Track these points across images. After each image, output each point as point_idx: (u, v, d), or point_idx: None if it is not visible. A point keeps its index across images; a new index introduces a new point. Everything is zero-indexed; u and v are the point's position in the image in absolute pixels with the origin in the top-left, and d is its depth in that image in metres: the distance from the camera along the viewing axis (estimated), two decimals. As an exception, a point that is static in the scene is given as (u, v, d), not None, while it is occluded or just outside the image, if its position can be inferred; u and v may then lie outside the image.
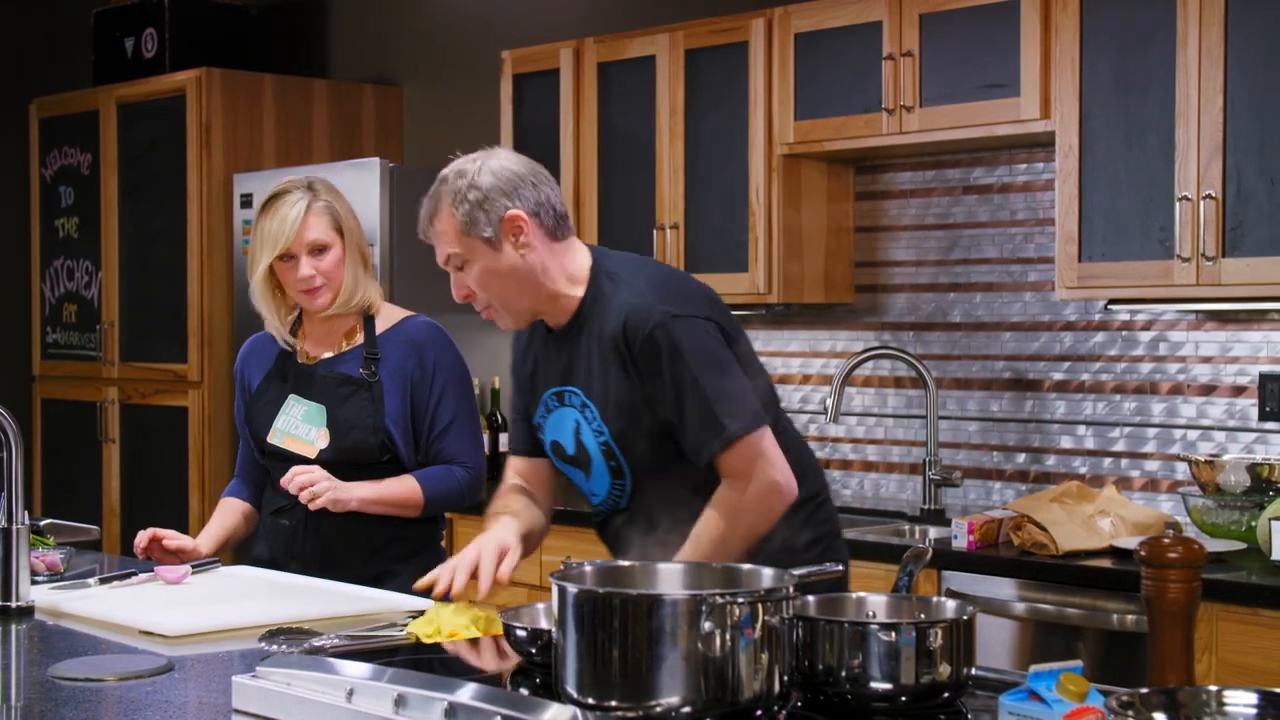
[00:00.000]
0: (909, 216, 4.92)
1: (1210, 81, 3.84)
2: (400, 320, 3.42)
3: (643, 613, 1.82)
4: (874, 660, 1.92)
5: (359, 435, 3.26)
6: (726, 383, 2.72)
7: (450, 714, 1.85)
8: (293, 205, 3.29)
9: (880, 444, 5.00)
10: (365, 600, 2.92)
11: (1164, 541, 1.83)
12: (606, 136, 5.24)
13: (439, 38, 6.44)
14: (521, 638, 2.20)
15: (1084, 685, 1.70)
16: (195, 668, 2.43)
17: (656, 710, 1.81)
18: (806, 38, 4.70)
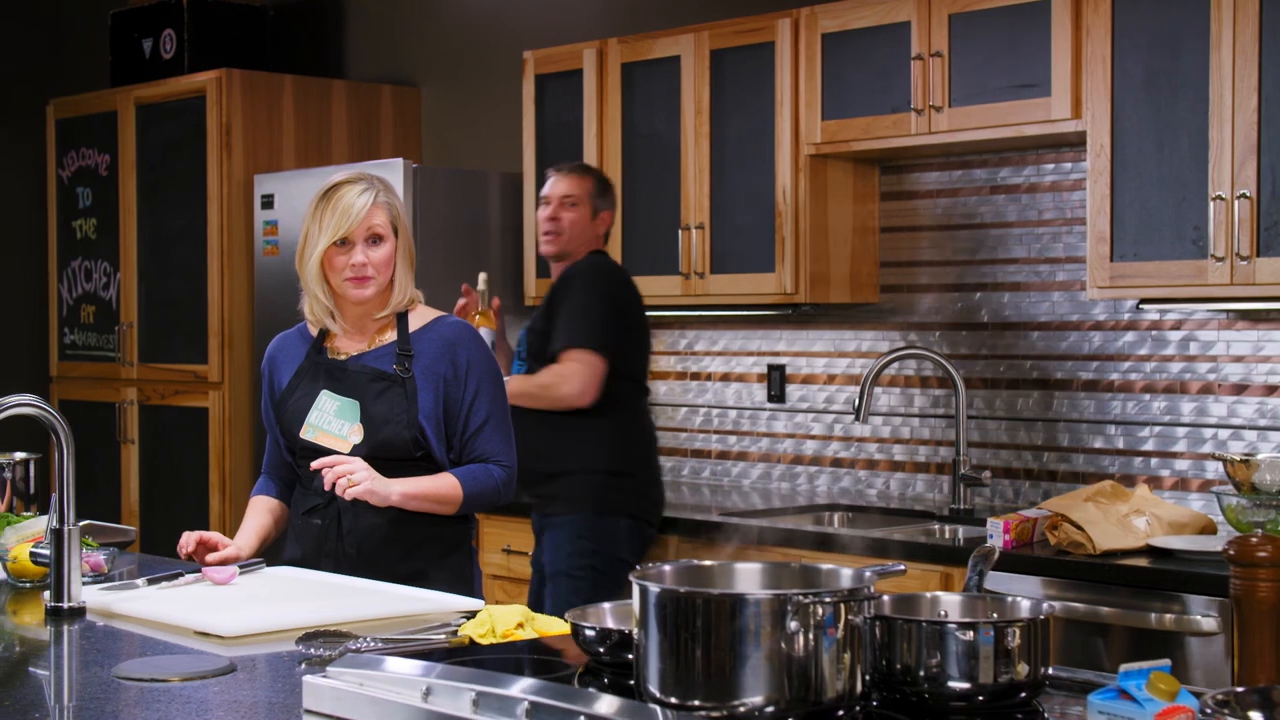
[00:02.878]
0: (935, 216, 4.93)
1: (1244, 81, 3.85)
2: (433, 320, 3.46)
3: (726, 612, 1.82)
4: (952, 659, 1.93)
5: (392, 430, 3.29)
6: None
7: (532, 713, 1.85)
8: (360, 193, 3.32)
9: (906, 444, 5.00)
10: (416, 601, 2.92)
11: (1252, 541, 1.84)
12: (630, 137, 5.25)
13: (458, 38, 6.44)
14: (590, 637, 2.20)
15: (1175, 684, 1.71)
16: (257, 668, 2.43)
17: (740, 710, 1.81)
18: (834, 38, 4.70)
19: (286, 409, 3.39)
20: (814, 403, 5.23)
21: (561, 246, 4.64)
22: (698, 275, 5.02)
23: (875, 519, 4.74)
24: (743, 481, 5.42)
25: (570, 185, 4.65)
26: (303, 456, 3.36)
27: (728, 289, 4.97)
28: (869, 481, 5.08)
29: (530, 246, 5.54)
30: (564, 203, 4.62)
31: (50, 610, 2.86)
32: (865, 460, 5.10)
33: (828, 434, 5.21)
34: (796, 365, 5.27)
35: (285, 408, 3.39)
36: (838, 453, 5.18)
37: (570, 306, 4.48)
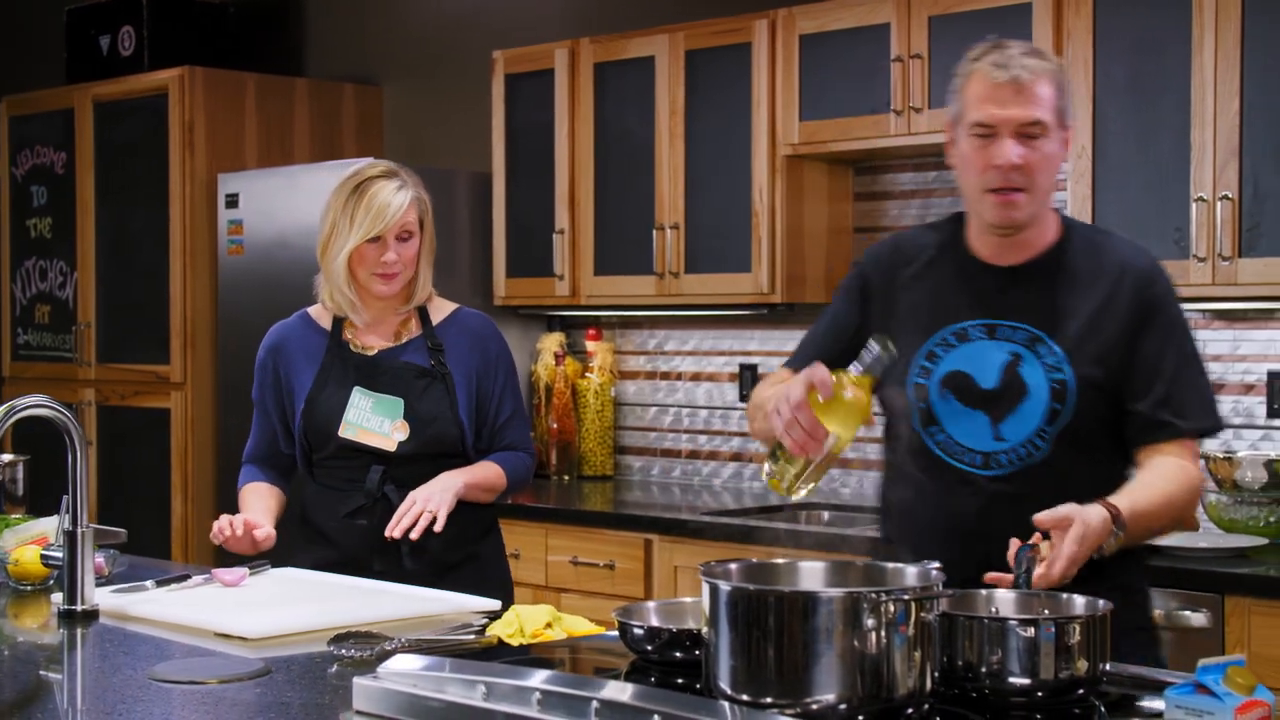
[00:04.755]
0: (910, 217, 4.96)
1: (1226, 84, 3.91)
2: (453, 311, 3.44)
3: (800, 610, 1.83)
4: (1013, 656, 1.95)
5: (441, 427, 3.29)
6: (1203, 372, 2.67)
7: (602, 712, 1.86)
8: (397, 190, 3.28)
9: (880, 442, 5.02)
10: (433, 601, 2.91)
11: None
12: (603, 137, 5.25)
13: (423, 37, 6.42)
14: (639, 636, 2.21)
15: (1252, 679, 1.74)
16: (292, 670, 2.41)
17: (813, 708, 1.82)
18: (812, 39, 4.73)
19: (317, 408, 3.33)
20: (787, 402, 5.24)
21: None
22: (672, 275, 5.03)
23: (851, 518, 4.77)
24: (713, 481, 5.44)
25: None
26: (339, 456, 3.33)
27: (702, 289, 4.99)
28: (841, 480, 5.11)
29: (500, 246, 5.54)
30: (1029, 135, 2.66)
31: (63, 613, 2.82)
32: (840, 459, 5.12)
33: (801, 433, 5.21)
34: (769, 365, 5.30)
35: (315, 406, 3.34)
36: (811, 452, 5.19)
37: (1184, 354, 2.67)
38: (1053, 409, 2.56)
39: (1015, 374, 2.58)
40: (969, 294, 2.66)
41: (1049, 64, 2.61)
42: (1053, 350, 2.57)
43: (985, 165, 2.59)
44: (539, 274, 5.41)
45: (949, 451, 2.64)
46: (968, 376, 2.61)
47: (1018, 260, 2.66)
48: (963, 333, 2.64)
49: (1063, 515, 2.32)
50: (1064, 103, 2.60)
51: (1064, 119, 2.60)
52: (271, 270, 5.76)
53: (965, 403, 2.62)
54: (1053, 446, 2.56)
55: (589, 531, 4.74)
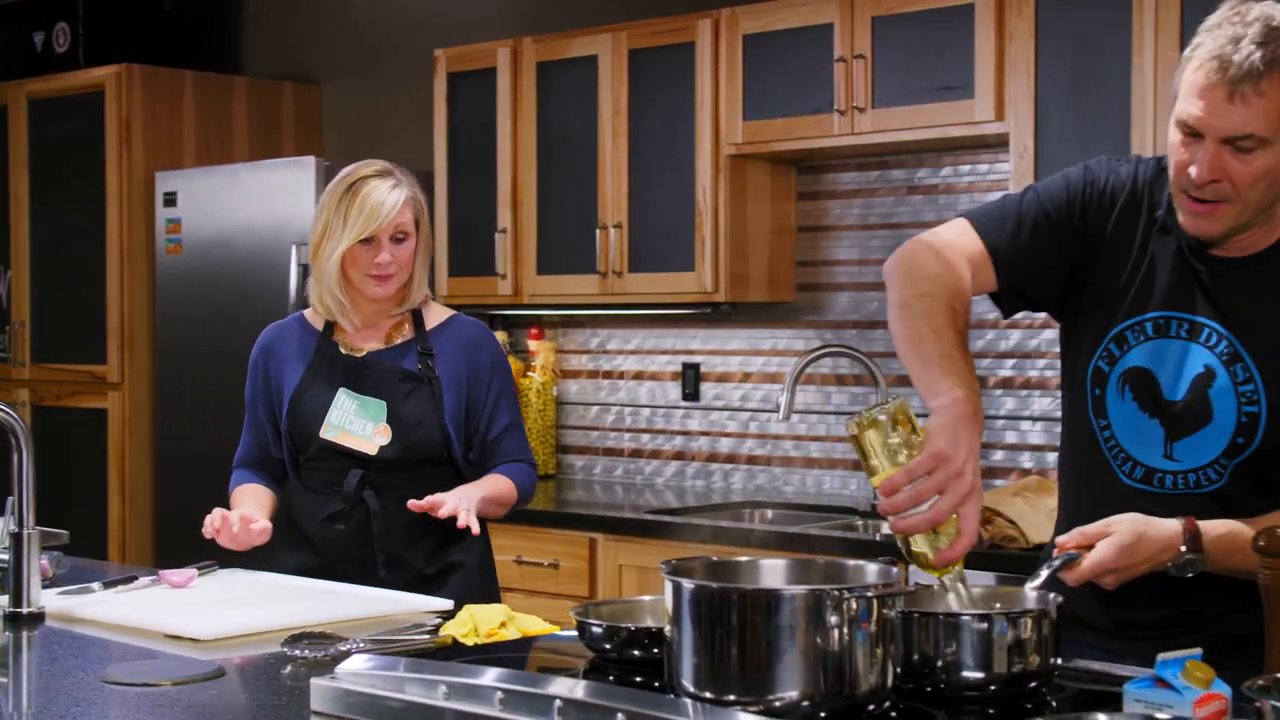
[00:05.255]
0: (852, 216, 4.99)
1: (1166, 85, 3.94)
2: (449, 318, 3.36)
3: (763, 608, 1.84)
4: (967, 650, 1.97)
5: (424, 432, 3.22)
6: None
7: (565, 711, 1.85)
8: (391, 189, 3.20)
9: (823, 441, 5.06)
10: (385, 601, 2.90)
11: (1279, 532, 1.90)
12: (545, 136, 5.25)
13: (362, 35, 6.40)
14: (597, 634, 2.21)
15: (1209, 672, 1.76)
16: (246, 671, 2.40)
17: (776, 705, 1.83)
18: (755, 39, 4.74)
19: (301, 407, 3.26)
20: (729, 400, 5.27)
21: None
22: (615, 274, 5.04)
23: (797, 515, 4.79)
24: (656, 480, 5.45)
25: None
26: (321, 457, 3.26)
27: (646, 288, 4.99)
28: (785, 479, 5.14)
29: (442, 246, 5.52)
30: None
31: (9, 616, 2.79)
32: (781, 458, 5.15)
33: (743, 431, 5.25)
34: (711, 364, 5.31)
35: (300, 406, 3.27)
36: (753, 450, 5.22)
37: None
38: (1236, 442, 2.26)
39: (1204, 394, 2.28)
40: (1183, 280, 2.32)
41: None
42: (1250, 373, 2.26)
43: (1182, 167, 2.23)
44: (481, 273, 5.40)
45: (1111, 452, 2.37)
46: (1153, 379, 2.33)
47: (1234, 252, 2.31)
48: (1163, 324, 2.33)
49: (1092, 534, 2.20)
50: None
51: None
52: (210, 269, 5.72)
53: (1143, 407, 2.33)
54: (1228, 480, 2.28)
55: (533, 531, 4.73)
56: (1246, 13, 2.19)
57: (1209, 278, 2.30)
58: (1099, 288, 2.37)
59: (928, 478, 2.00)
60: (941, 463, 2.00)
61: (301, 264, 5.42)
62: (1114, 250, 2.36)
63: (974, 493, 2.02)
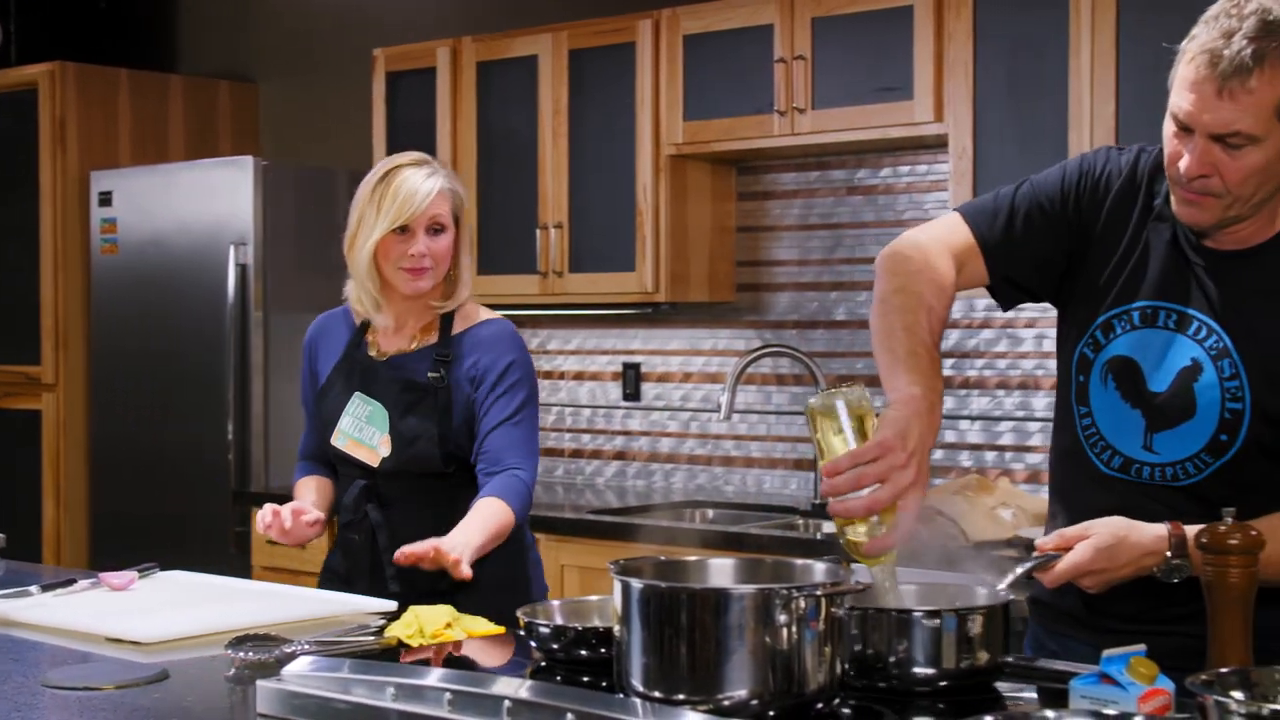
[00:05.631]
0: (792, 217, 5.01)
1: (1102, 86, 3.99)
2: (479, 322, 3.17)
3: (712, 607, 1.84)
4: (917, 646, 1.98)
5: (423, 447, 3.05)
6: None
7: (515, 712, 1.85)
8: (426, 177, 3.07)
9: (764, 440, 5.07)
10: (327, 603, 2.88)
11: (1221, 529, 1.92)
12: (486, 136, 5.24)
13: (300, 34, 6.36)
14: (545, 634, 2.21)
15: (1153, 668, 1.78)
16: (190, 674, 2.37)
17: (725, 703, 1.83)
18: (695, 39, 4.75)
19: (323, 408, 3.16)
20: (670, 400, 5.28)
21: None
22: (556, 274, 5.03)
23: (738, 515, 4.80)
24: (597, 480, 5.45)
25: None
26: (340, 461, 3.15)
27: (587, 288, 4.99)
28: (725, 478, 5.15)
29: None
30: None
31: (-55, 620, 2.76)
32: (722, 457, 5.16)
33: (684, 431, 5.26)
34: (652, 364, 5.32)
35: (322, 405, 3.17)
36: (694, 450, 5.23)
37: None
38: (1219, 439, 2.22)
39: (1189, 387, 2.24)
40: (1176, 270, 2.29)
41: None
42: (1237, 369, 2.21)
43: (1174, 159, 2.19)
44: (421, 273, 5.37)
45: (1090, 440, 2.34)
46: (1137, 369, 2.29)
47: (1229, 245, 2.27)
48: (1151, 314, 2.29)
49: (1071, 536, 2.18)
50: None
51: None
52: (146, 269, 5.68)
53: (1125, 396, 2.29)
54: (1208, 477, 2.24)
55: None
56: (1244, 5, 2.13)
57: (1203, 270, 2.26)
58: (1090, 275, 2.35)
59: (871, 464, 2.00)
60: (886, 452, 2.00)
61: (239, 264, 5.39)
62: (1106, 237, 2.34)
63: (915, 486, 2.02)
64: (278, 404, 5.47)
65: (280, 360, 5.47)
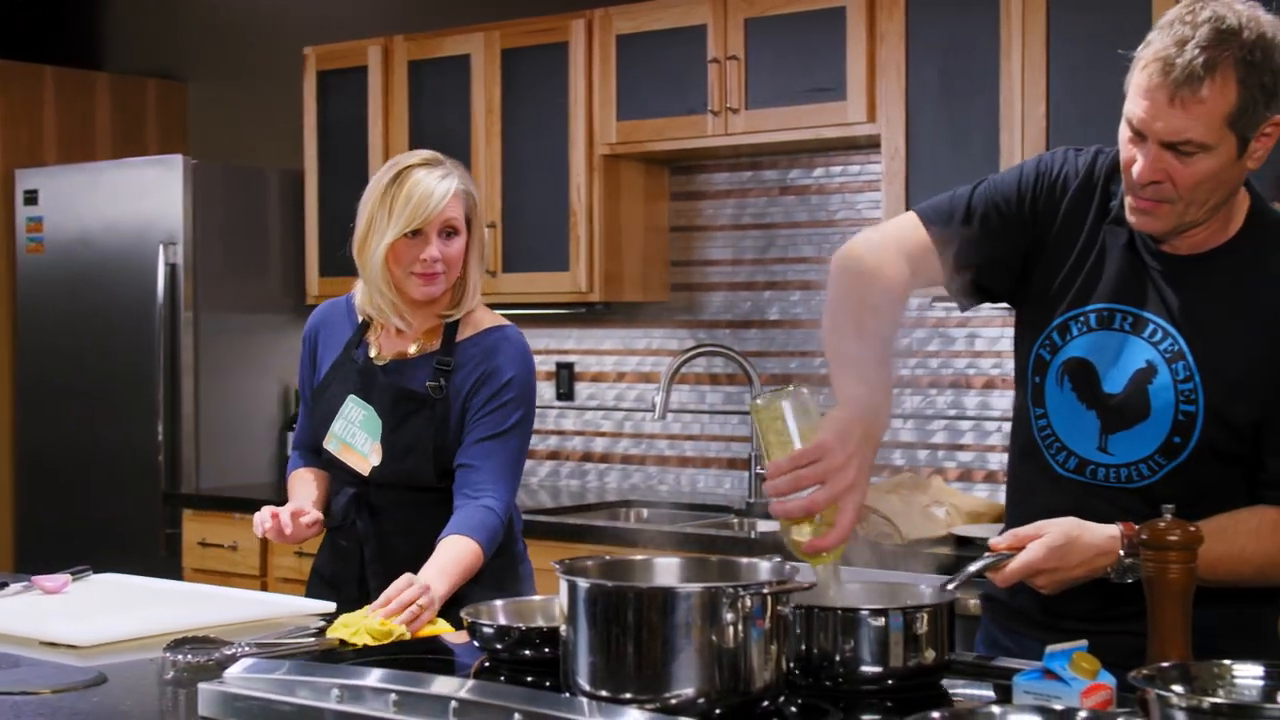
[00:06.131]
0: (725, 216, 5.02)
1: (1033, 88, 4.02)
2: (485, 329, 3.03)
3: (659, 606, 1.84)
4: (864, 645, 1.99)
5: (415, 461, 2.95)
6: None
7: (460, 713, 1.85)
8: (442, 178, 2.95)
9: (698, 440, 5.08)
10: (264, 605, 2.87)
11: (1161, 525, 1.94)
12: (418, 135, 5.22)
13: (229, 32, 6.31)
14: (489, 634, 2.20)
15: (1095, 663, 1.80)
16: (128, 677, 2.35)
17: (672, 702, 1.83)
18: (629, 39, 4.76)
19: (318, 406, 3.07)
20: (603, 400, 5.28)
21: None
22: (489, 274, 5.02)
23: (673, 514, 4.81)
24: (530, 479, 5.44)
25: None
26: (327, 466, 3.07)
27: (521, 288, 4.98)
28: (660, 478, 5.15)
29: (313, 244, 5.47)
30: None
31: (-124, 625, 2.72)
32: (656, 457, 5.17)
33: (618, 431, 5.26)
34: (586, 363, 5.32)
35: (317, 404, 3.07)
36: (627, 450, 5.24)
37: None
38: (1172, 441, 2.23)
39: (1143, 389, 2.25)
40: (1131, 272, 2.29)
41: (1244, 50, 2.11)
42: (1191, 371, 2.23)
43: (1128, 164, 2.20)
44: (353, 273, 5.31)
45: (1045, 441, 2.35)
46: (1093, 371, 2.30)
47: (1185, 249, 2.27)
48: (1107, 316, 2.30)
49: (1024, 536, 2.18)
50: (1251, 99, 2.12)
51: (1247, 124, 2.13)
52: (74, 269, 5.62)
53: (1081, 398, 2.30)
54: (1161, 479, 2.25)
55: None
56: (1199, 12, 2.13)
57: (1159, 273, 2.27)
58: (1046, 276, 2.35)
59: (810, 466, 2.01)
60: (825, 454, 2.01)
61: (169, 264, 5.34)
62: (1062, 239, 2.34)
63: (853, 488, 2.03)
64: (208, 404, 5.43)
65: (211, 360, 5.43)
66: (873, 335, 2.20)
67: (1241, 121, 2.12)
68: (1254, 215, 2.29)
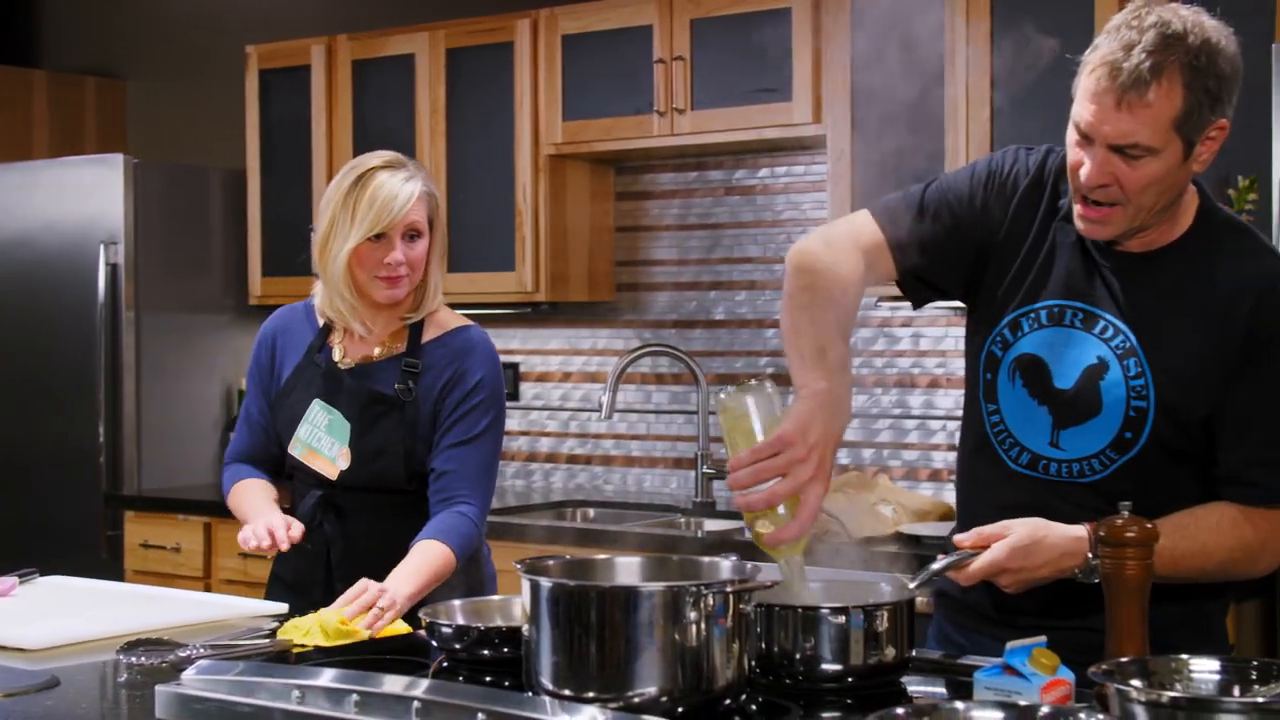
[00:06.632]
0: (671, 216, 5.03)
1: (978, 89, 4.06)
2: (452, 330, 3.03)
3: (621, 605, 1.85)
4: (824, 643, 2.00)
5: (385, 463, 2.93)
6: None
7: (423, 712, 1.85)
8: (405, 180, 2.94)
9: (644, 439, 5.09)
10: (214, 606, 2.85)
11: (1119, 522, 1.96)
12: (362, 135, 5.20)
13: (169, 30, 6.27)
14: (447, 634, 2.20)
15: (1055, 659, 1.82)
16: (81, 680, 2.34)
17: (635, 701, 1.84)
18: (574, 39, 4.76)
19: (281, 411, 3.03)
20: (549, 400, 5.28)
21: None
22: (434, 274, 5.00)
23: (620, 514, 4.81)
24: (475, 480, 5.42)
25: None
26: (293, 470, 3.02)
27: (466, 288, 4.97)
28: (605, 478, 5.16)
29: (256, 244, 5.44)
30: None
31: None
32: (601, 457, 5.17)
33: (563, 431, 5.26)
34: (531, 363, 5.31)
35: (280, 409, 3.03)
36: (573, 449, 5.24)
37: None
38: (1124, 437, 2.26)
39: (1095, 385, 2.27)
40: (1082, 269, 2.32)
41: (1189, 55, 2.13)
42: (1143, 368, 2.25)
43: (1075, 168, 2.23)
44: (297, 273, 5.32)
45: (998, 437, 2.37)
46: (1044, 367, 2.32)
47: (1135, 247, 2.30)
48: (1058, 312, 2.33)
49: (988, 535, 2.19)
50: (1197, 103, 2.14)
51: (1193, 128, 2.16)
52: (13, 268, 5.56)
53: (1032, 394, 2.33)
54: (1112, 474, 2.28)
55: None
56: (1145, 17, 2.15)
57: (1109, 270, 2.30)
58: (998, 273, 2.38)
59: (771, 459, 2.02)
60: (785, 446, 2.02)
61: (110, 264, 5.30)
62: (1013, 236, 2.36)
63: (815, 479, 2.04)
64: (150, 405, 5.38)
65: (153, 360, 5.38)
66: (829, 329, 2.22)
67: (1187, 125, 2.15)
68: (1203, 214, 2.32)
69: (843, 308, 2.27)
